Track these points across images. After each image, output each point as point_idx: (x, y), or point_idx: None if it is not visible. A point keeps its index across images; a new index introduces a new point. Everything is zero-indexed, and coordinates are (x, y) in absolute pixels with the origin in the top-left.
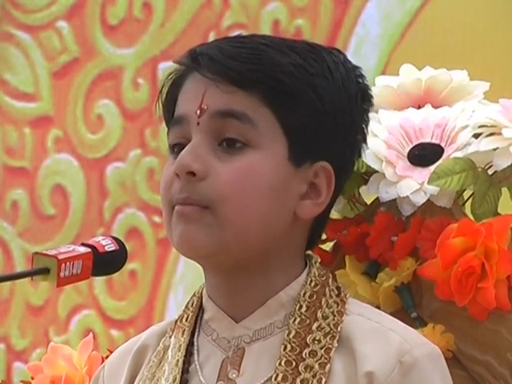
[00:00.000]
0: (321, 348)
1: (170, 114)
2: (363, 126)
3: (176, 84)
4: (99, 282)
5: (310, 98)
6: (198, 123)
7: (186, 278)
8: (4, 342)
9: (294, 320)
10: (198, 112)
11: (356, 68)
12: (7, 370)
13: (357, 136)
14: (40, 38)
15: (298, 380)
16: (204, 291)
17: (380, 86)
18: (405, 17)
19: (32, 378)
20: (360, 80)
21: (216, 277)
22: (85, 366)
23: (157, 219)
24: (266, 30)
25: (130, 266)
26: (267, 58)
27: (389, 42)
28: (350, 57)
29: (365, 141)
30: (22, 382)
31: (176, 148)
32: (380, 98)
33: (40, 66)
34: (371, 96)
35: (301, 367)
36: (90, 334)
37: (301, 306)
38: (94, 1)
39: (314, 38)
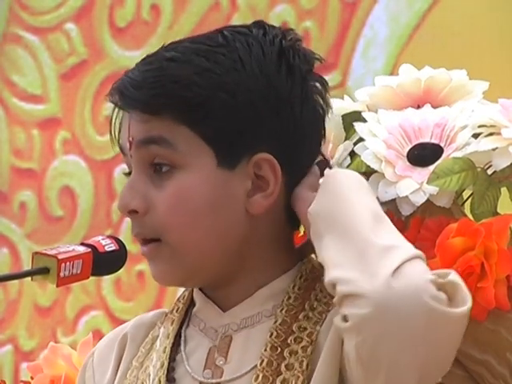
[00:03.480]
0: (306, 335)
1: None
2: (301, 97)
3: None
4: (107, 282)
5: (221, 99)
6: (131, 155)
7: None
8: (12, 343)
9: (282, 309)
10: (128, 145)
11: (277, 36)
12: (15, 370)
13: (293, 111)
14: (48, 39)
15: (283, 365)
16: None
17: (379, 86)
18: (413, 19)
19: (32, 378)
20: (283, 53)
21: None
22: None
23: None
24: None
25: (137, 266)
26: (168, 76)
27: (397, 43)
28: (357, 59)
29: (325, 103)
30: (21, 381)
31: (127, 177)
32: (379, 97)
33: (48, 67)
34: (304, 64)
35: (285, 353)
36: (90, 334)
37: (289, 297)
38: (102, 3)
39: (322, 39)
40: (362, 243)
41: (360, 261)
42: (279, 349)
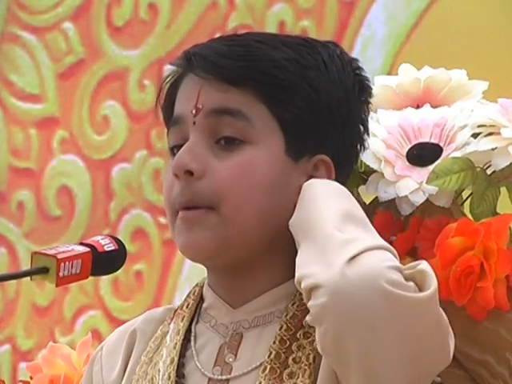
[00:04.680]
0: (314, 330)
1: (169, 117)
2: (363, 117)
3: (173, 86)
4: (105, 282)
5: (305, 91)
6: (194, 122)
7: (192, 279)
8: (10, 343)
9: (293, 304)
10: (194, 111)
11: (353, 60)
12: (13, 370)
13: (356, 127)
14: (46, 39)
15: (291, 358)
16: (206, 281)
17: (379, 86)
18: (410, 18)
19: (31, 378)
20: (357, 72)
21: (218, 274)
22: (84, 366)
23: (162, 220)
24: (271, 31)
25: (135, 266)
26: (259, 54)
27: (394, 43)
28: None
29: (367, 132)
30: (20, 381)
31: (176, 150)
32: (379, 97)
33: (46, 67)
34: (370, 87)
35: (294, 346)
36: (89, 334)
37: (300, 293)
38: (100, 2)
39: (320, 39)
40: (323, 239)
41: (321, 255)
42: (288, 342)
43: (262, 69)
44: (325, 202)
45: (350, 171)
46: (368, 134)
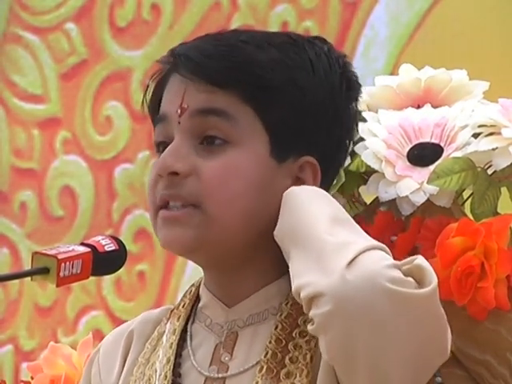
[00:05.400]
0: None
1: (155, 114)
2: (351, 114)
3: (160, 84)
4: (107, 282)
5: (290, 92)
6: (179, 122)
7: (195, 279)
8: (12, 343)
9: (287, 303)
10: (179, 111)
11: (340, 57)
12: (15, 370)
13: (343, 125)
14: (48, 39)
15: (287, 358)
16: (202, 281)
17: (379, 86)
18: (413, 19)
19: (32, 378)
20: (345, 69)
21: (210, 272)
22: (84, 366)
23: None
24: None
25: (138, 266)
26: (244, 54)
27: (397, 43)
28: (358, 59)
29: (356, 129)
30: (22, 381)
31: (161, 147)
32: (379, 97)
33: (48, 67)
34: (358, 84)
35: (290, 346)
36: (90, 334)
37: None
38: (103, 2)
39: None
40: (317, 246)
41: (317, 262)
42: (284, 341)
43: (247, 70)
44: (309, 207)
45: (339, 168)
46: (357, 131)
